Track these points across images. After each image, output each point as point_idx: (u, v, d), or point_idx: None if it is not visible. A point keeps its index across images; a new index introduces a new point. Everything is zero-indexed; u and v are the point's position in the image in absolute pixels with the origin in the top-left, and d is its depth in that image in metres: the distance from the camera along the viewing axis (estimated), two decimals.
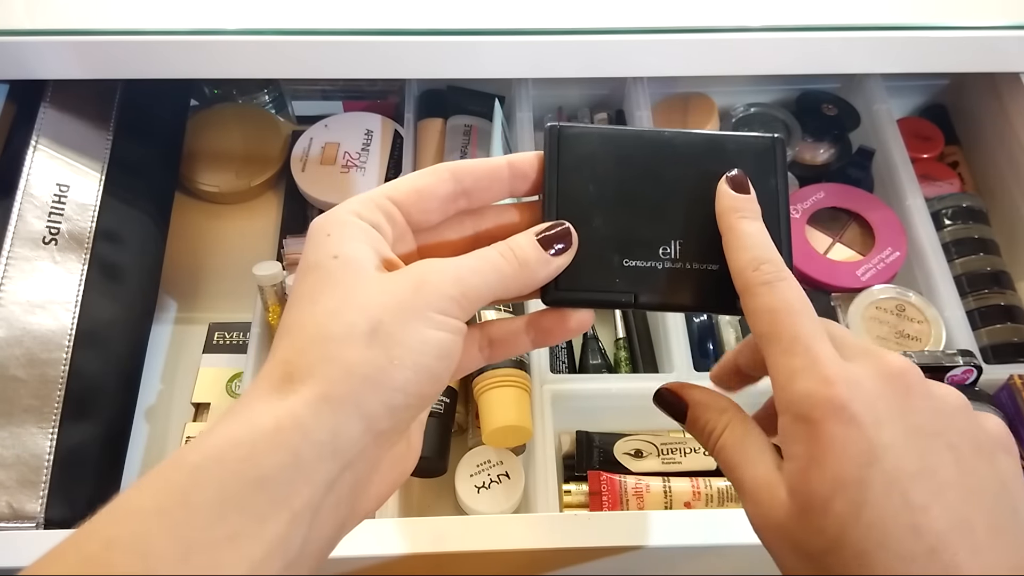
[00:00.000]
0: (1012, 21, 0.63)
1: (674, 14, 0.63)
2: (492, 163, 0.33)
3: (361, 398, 0.27)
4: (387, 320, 0.28)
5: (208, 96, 0.86)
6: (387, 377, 0.28)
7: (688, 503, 0.59)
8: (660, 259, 0.33)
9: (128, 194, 0.68)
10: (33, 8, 0.62)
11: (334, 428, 0.27)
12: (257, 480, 0.26)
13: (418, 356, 0.28)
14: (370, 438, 0.28)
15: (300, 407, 0.27)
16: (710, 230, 0.33)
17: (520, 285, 0.32)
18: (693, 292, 0.33)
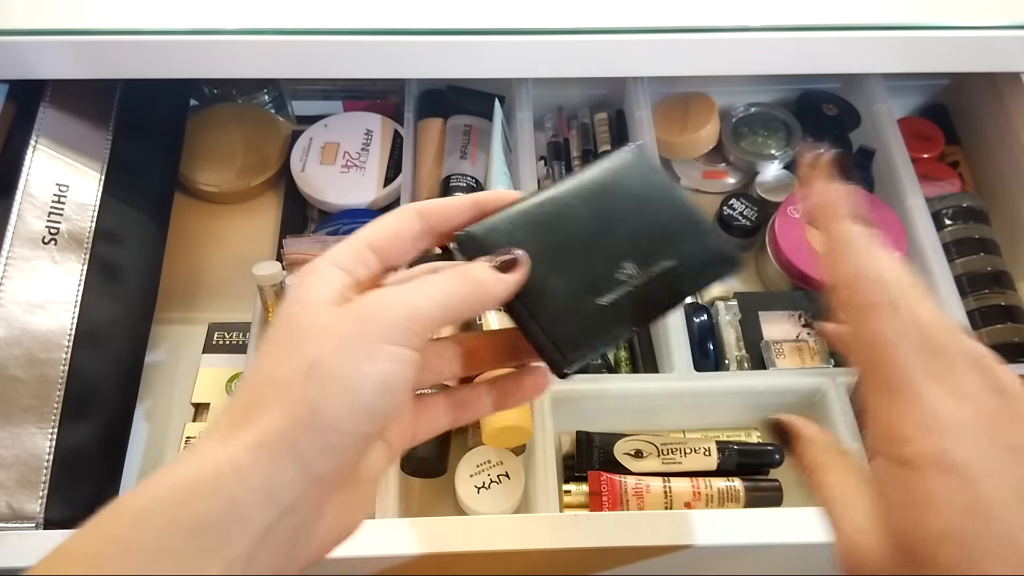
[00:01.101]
0: (1012, 21, 0.63)
1: (674, 14, 0.63)
2: (456, 203, 0.34)
3: (296, 440, 0.27)
4: (324, 357, 0.28)
5: (208, 96, 0.86)
6: (321, 416, 0.27)
7: (688, 503, 0.59)
8: (625, 282, 0.35)
9: (128, 194, 0.68)
10: (32, 8, 0.62)
11: (270, 473, 0.27)
12: (192, 526, 0.26)
13: (353, 393, 0.28)
14: (308, 483, 0.27)
15: (240, 452, 0.27)
16: (644, 236, 0.36)
17: (474, 303, 0.31)
18: (671, 290, 0.36)
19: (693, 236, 0.36)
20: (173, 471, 0.27)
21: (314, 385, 0.28)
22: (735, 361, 0.67)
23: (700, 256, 0.36)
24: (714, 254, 0.36)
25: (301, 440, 0.27)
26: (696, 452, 0.61)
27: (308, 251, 0.66)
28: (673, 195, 0.37)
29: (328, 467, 0.28)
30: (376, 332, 0.28)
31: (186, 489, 0.26)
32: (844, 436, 0.60)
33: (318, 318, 0.29)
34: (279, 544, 0.28)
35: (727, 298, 0.71)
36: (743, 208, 0.76)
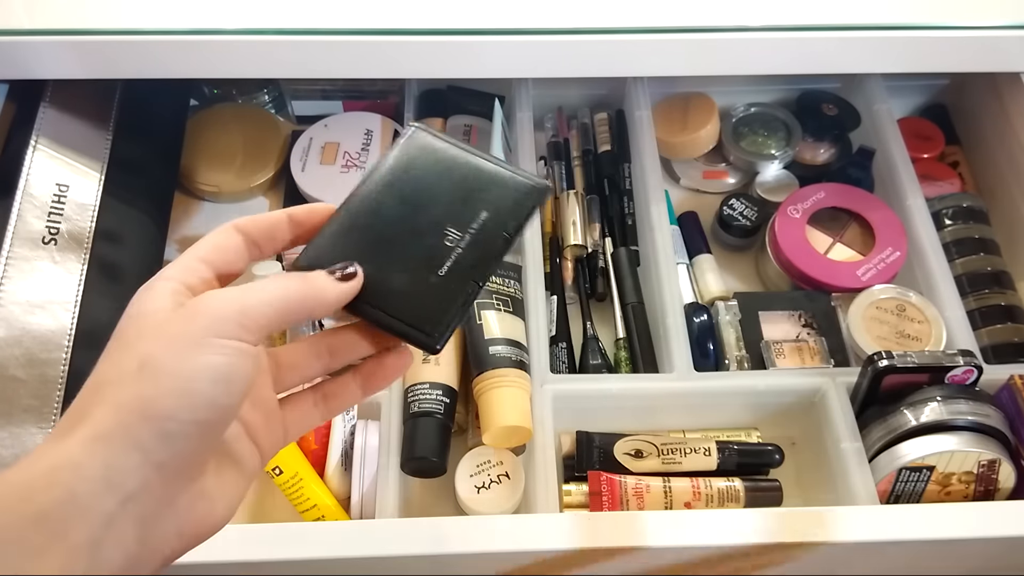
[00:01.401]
0: (1012, 21, 0.63)
1: (674, 14, 0.63)
2: (272, 217, 0.36)
3: (132, 430, 0.28)
4: (156, 353, 0.29)
5: (208, 96, 0.86)
6: (155, 407, 0.28)
7: (688, 503, 0.59)
8: (452, 248, 0.37)
9: (128, 194, 0.68)
10: (32, 8, 0.62)
11: (106, 461, 0.27)
12: (33, 517, 0.26)
13: (187, 383, 0.29)
14: (150, 470, 0.28)
15: (73, 447, 0.27)
16: (452, 201, 0.38)
17: (309, 304, 0.33)
18: (496, 237, 0.37)
19: (494, 183, 0.38)
20: (9, 471, 0.28)
21: (146, 379, 0.29)
22: (735, 361, 0.67)
23: (509, 197, 0.38)
24: (521, 190, 0.38)
25: (136, 428, 0.28)
26: (696, 452, 0.61)
27: None
28: (464, 157, 0.39)
29: (168, 455, 0.28)
30: (206, 327, 0.30)
31: (24, 485, 0.27)
32: (844, 436, 0.60)
33: (149, 322, 0.31)
34: (127, 532, 0.28)
35: (727, 298, 0.71)
36: (743, 208, 0.76)
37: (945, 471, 0.57)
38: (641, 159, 0.76)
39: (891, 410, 0.59)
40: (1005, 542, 0.52)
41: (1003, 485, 0.58)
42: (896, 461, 0.57)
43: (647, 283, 0.72)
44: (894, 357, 0.59)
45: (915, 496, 0.59)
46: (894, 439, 0.58)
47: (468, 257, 0.37)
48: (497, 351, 0.61)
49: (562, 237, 0.75)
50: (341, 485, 0.60)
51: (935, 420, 0.57)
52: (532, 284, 0.67)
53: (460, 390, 0.63)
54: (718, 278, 0.74)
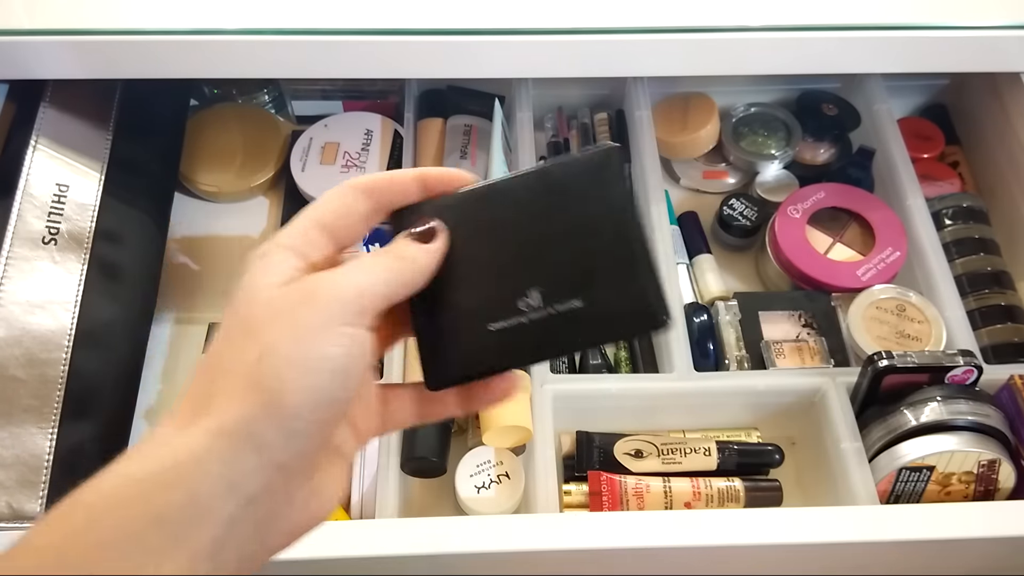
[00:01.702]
0: (1012, 21, 0.63)
1: (674, 14, 0.63)
2: (398, 178, 0.33)
3: (255, 428, 0.27)
4: (277, 343, 0.27)
5: (208, 96, 0.86)
6: (280, 403, 0.27)
7: (688, 503, 0.59)
8: (523, 313, 0.32)
9: (128, 194, 0.68)
10: (33, 8, 0.62)
11: (230, 462, 0.26)
12: (154, 518, 0.25)
13: (312, 377, 0.27)
14: (271, 471, 0.27)
15: (198, 439, 0.26)
16: (565, 266, 0.32)
17: (411, 279, 0.31)
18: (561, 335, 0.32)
19: (620, 278, 0.32)
20: (130, 461, 0.27)
21: (270, 371, 0.27)
22: (735, 361, 0.67)
23: (615, 305, 0.32)
24: (634, 307, 0.31)
25: (260, 427, 0.27)
26: (696, 452, 0.61)
27: None
28: (622, 219, 0.32)
29: (290, 454, 0.27)
30: (326, 313, 0.28)
31: (144, 481, 0.26)
32: (844, 436, 0.60)
33: (267, 302, 0.29)
34: (248, 533, 0.27)
35: (727, 298, 0.71)
36: (743, 208, 0.76)
37: (945, 471, 0.57)
38: (641, 159, 0.76)
39: (891, 410, 0.59)
40: (1005, 542, 0.52)
41: (1003, 485, 0.58)
42: (896, 461, 0.57)
43: None
44: (894, 357, 0.59)
45: (915, 496, 0.59)
46: (894, 439, 0.58)
47: (526, 334, 0.32)
48: None
49: None
50: None
51: (935, 420, 0.57)
52: None
53: None
54: (718, 278, 0.74)
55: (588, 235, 0.32)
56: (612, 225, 0.32)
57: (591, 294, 0.32)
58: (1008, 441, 0.58)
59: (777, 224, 0.73)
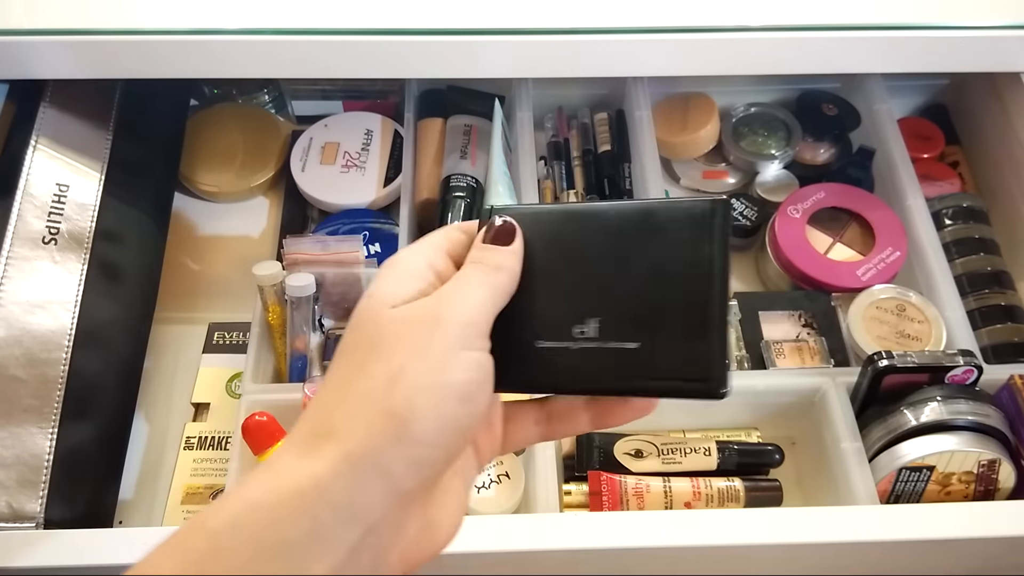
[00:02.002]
0: (1012, 21, 0.63)
1: (674, 14, 0.63)
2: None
3: (381, 455, 0.26)
4: (407, 367, 0.27)
5: (208, 96, 0.86)
6: (409, 430, 0.26)
7: (688, 503, 0.59)
8: (575, 339, 0.31)
9: (128, 194, 0.68)
10: (33, 8, 0.62)
11: (353, 489, 0.26)
12: (276, 547, 0.25)
13: (440, 404, 0.27)
14: (393, 499, 0.26)
15: (321, 468, 0.26)
16: (634, 306, 0.31)
17: (509, 287, 0.31)
18: (609, 374, 0.31)
19: (687, 335, 0.30)
20: (250, 488, 0.26)
21: (400, 396, 0.26)
22: (735, 361, 0.67)
23: (673, 360, 0.30)
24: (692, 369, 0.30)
25: (387, 455, 0.26)
26: (696, 452, 0.61)
27: (308, 251, 0.66)
28: (710, 276, 0.30)
29: (415, 483, 0.27)
30: (453, 338, 0.28)
31: (267, 508, 0.26)
32: (844, 436, 0.60)
33: (393, 322, 0.28)
34: (365, 563, 0.27)
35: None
36: (743, 208, 0.76)
37: (945, 471, 0.57)
38: (641, 159, 0.76)
39: (891, 410, 0.59)
40: (1005, 542, 0.52)
41: (1003, 485, 0.58)
42: (896, 461, 0.57)
43: None
44: (894, 357, 0.59)
45: (915, 496, 0.59)
46: (894, 439, 0.58)
47: (570, 362, 0.31)
48: None
49: None
50: None
51: (935, 420, 0.57)
52: None
53: None
54: None
55: (669, 281, 0.31)
56: (698, 279, 0.30)
57: (651, 341, 0.30)
58: (1008, 441, 0.58)
59: (777, 224, 0.73)
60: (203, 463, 0.65)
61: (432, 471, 0.28)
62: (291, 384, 0.65)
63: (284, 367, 0.66)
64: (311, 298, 0.65)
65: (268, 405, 0.60)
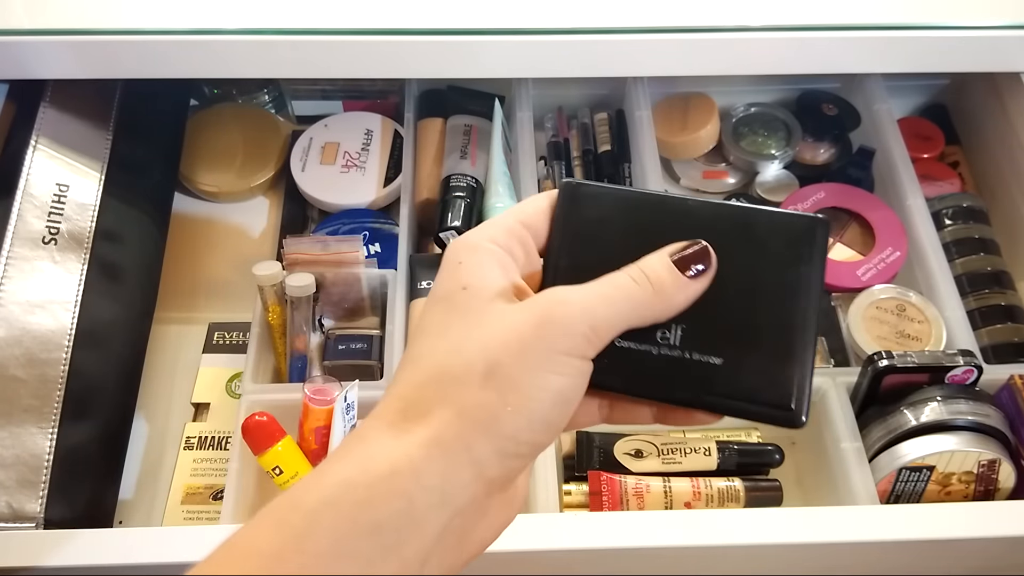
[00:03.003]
0: (1012, 21, 0.63)
1: (674, 14, 0.63)
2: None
3: (472, 443, 0.27)
4: (506, 361, 0.27)
5: (208, 96, 0.86)
6: (499, 423, 0.27)
7: (688, 503, 0.59)
8: (656, 343, 0.30)
9: (128, 194, 0.68)
10: (33, 8, 0.62)
11: (445, 473, 0.26)
12: (371, 527, 0.25)
13: (534, 403, 0.27)
14: (480, 485, 0.27)
15: (414, 449, 0.26)
16: (722, 317, 0.30)
17: (655, 313, 0.29)
18: (686, 385, 0.30)
19: (773, 357, 0.29)
20: (344, 465, 0.27)
21: (494, 391, 0.27)
22: None
23: (754, 382, 0.29)
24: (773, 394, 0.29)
25: (476, 443, 0.27)
26: (696, 452, 0.61)
27: (308, 251, 0.66)
28: (804, 298, 0.29)
29: (500, 472, 0.27)
30: (556, 341, 0.28)
31: (363, 487, 0.26)
32: (844, 436, 0.60)
33: (494, 313, 0.28)
34: (450, 545, 0.27)
35: None
36: None
37: (945, 471, 0.57)
38: (641, 159, 0.76)
39: (891, 410, 0.59)
40: (1005, 542, 0.52)
41: (1003, 485, 0.58)
42: (896, 461, 0.57)
43: None
44: (894, 357, 0.59)
45: (915, 496, 0.59)
46: (894, 439, 0.58)
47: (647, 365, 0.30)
48: None
49: None
50: None
51: (935, 420, 0.57)
52: None
53: None
54: None
55: (760, 297, 0.30)
56: (790, 299, 0.29)
57: (735, 358, 0.29)
58: (1008, 441, 0.58)
59: None
60: (203, 463, 0.65)
61: (519, 463, 0.28)
62: (291, 384, 0.64)
63: (284, 367, 0.66)
64: (311, 298, 0.65)
65: (268, 405, 0.60)
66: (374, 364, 0.66)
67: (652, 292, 0.29)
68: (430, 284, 0.68)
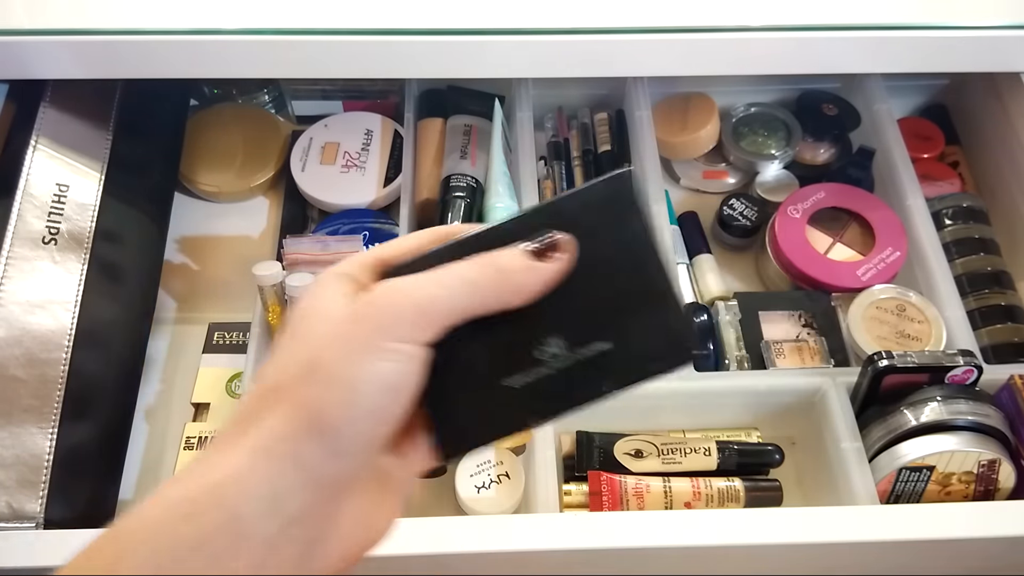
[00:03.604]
0: (1012, 21, 0.63)
1: (674, 14, 0.63)
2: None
3: (299, 445, 0.26)
4: (327, 355, 0.27)
5: (208, 96, 0.86)
6: (325, 420, 0.26)
7: (688, 503, 0.59)
8: (544, 363, 0.29)
9: (128, 194, 0.68)
10: (33, 8, 0.62)
11: (272, 480, 0.26)
12: (194, 541, 0.25)
13: (358, 395, 0.26)
14: (313, 490, 0.26)
15: (238, 460, 0.26)
16: (586, 307, 0.29)
17: (502, 296, 0.29)
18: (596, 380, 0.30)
19: (645, 311, 0.29)
20: (174, 485, 0.26)
21: (314, 387, 0.26)
22: (735, 361, 0.67)
23: (644, 340, 0.30)
24: (664, 341, 0.30)
25: (304, 445, 0.26)
26: (696, 452, 0.61)
27: (308, 251, 0.66)
28: (640, 251, 0.30)
29: (334, 472, 0.27)
30: (378, 327, 0.27)
31: (187, 501, 0.25)
32: (844, 436, 0.60)
33: (321, 319, 0.28)
34: (291, 557, 0.26)
35: (727, 298, 0.71)
36: (743, 208, 0.76)
37: (945, 471, 0.57)
38: (641, 159, 0.76)
39: (891, 410, 0.59)
40: (1005, 542, 0.52)
41: (1003, 485, 0.58)
42: (896, 461, 0.57)
43: None
44: (894, 357, 0.59)
45: (915, 496, 0.59)
46: (894, 439, 0.58)
47: (552, 385, 0.29)
48: None
49: None
50: None
51: (935, 420, 0.57)
52: None
53: None
54: (718, 278, 0.74)
55: (606, 271, 0.30)
56: (630, 258, 0.30)
57: (621, 332, 0.29)
58: (1008, 441, 0.58)
59: (777, 224, 0.73)
60: None
61: (352, 462, 0.27)
62: None
63: None
64: None
65: None
66: None
67: (494, 273, 0.28)
68: None
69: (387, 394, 0.27)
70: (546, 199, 0.32)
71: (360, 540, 0.29)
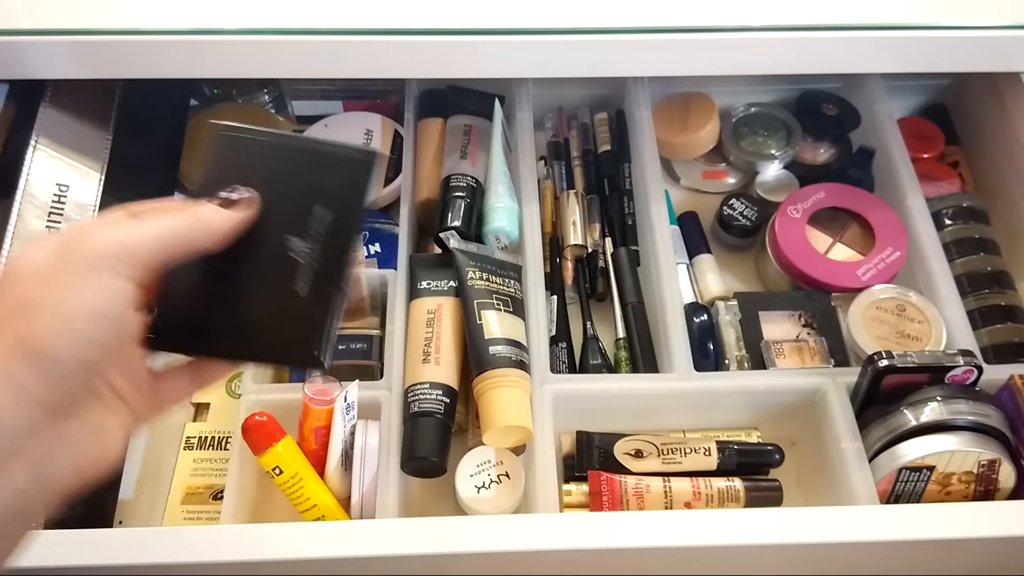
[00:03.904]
0: (1012, 21, 0.63)
1: (674, 14, 0.63)
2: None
3: (13, 368, 0.28)
4: (34, 293, 0.30)
5: (208, 96, 0.86)
6: (38, 344, 0.29)
7: (688, 503, 0.59)
8: (308, 260, 0.34)
9: (128, 194, 0.67)
10: (33, 8, 0.62)
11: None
12: None
13: (69, 321, 0.29)
14: (34, 409, 0.29)
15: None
16: (285, 206, 0.34)
17: (197, 240, 0.34)
18: (343, 231, 0.34)
19: (316, 168, 0.34)
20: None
21: (22, 319, 0.29)
22: (735, 361, 0.67)
23: (338, 179, 0.34)
24: (348, 170, 0.34)
25: (18, 367, 0.28)
26: (696, 452, 0.61)
27: None
28: (277, 145, 0.36)
29: (52, 394, 0.29)
30: (85, 263, 0.30)
31: None
32: (844, 436, 0.60)
33: (26, 266, 0.31)
34: (15, 473, 0.29)
35: (727, 298, 0.71)
36: (743, 208, 0.76)
37: (945, 471, 0.57)
38: (641, 159, 0.76)
39: (891, 410, 0.59)
40: (1005, 542, 0.52)
41: (1003, 485, 0.58)
42: (896, 461, 0.57)
43: (647, 283, 0.72)
44: (894, 357, 0.59)
45: (915, 496, 0.59)
46: (894, 439, 0.58)
47: (323, 267, 0.34)
48: (497, 351, 0.61)
49: (562, 237, 0.75)
50: (341, 485, 0.60)
51: (935, 420, 0.57)
52: (532, 284, 0.67)
53: (460, 390, 0.63)
54: (718, 278, 0.74)
55: (265, 178, 0.35)
56: (284, 154, 0.35)
57: (316, 194, 0.34)
58: (1008, 441, 0.58)
59: (777, 224, 0.73)
60: (203, 463, 0.65)
61: (68, 383, 0.30)
62: (291, 384, 0.65)
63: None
64: None
65: (268, 405, 0.60)
66: (374, 364, 0.66)
67: (190, 217, 0.34)
68: (430, 284, 0.68)
69: (96, 321, 0.30)
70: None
71: (92, 459, 0.32)
